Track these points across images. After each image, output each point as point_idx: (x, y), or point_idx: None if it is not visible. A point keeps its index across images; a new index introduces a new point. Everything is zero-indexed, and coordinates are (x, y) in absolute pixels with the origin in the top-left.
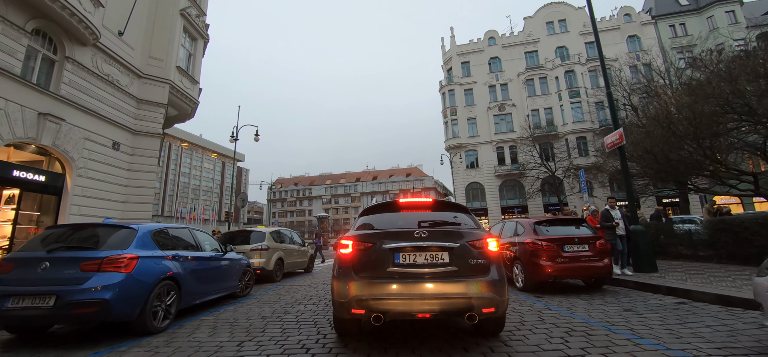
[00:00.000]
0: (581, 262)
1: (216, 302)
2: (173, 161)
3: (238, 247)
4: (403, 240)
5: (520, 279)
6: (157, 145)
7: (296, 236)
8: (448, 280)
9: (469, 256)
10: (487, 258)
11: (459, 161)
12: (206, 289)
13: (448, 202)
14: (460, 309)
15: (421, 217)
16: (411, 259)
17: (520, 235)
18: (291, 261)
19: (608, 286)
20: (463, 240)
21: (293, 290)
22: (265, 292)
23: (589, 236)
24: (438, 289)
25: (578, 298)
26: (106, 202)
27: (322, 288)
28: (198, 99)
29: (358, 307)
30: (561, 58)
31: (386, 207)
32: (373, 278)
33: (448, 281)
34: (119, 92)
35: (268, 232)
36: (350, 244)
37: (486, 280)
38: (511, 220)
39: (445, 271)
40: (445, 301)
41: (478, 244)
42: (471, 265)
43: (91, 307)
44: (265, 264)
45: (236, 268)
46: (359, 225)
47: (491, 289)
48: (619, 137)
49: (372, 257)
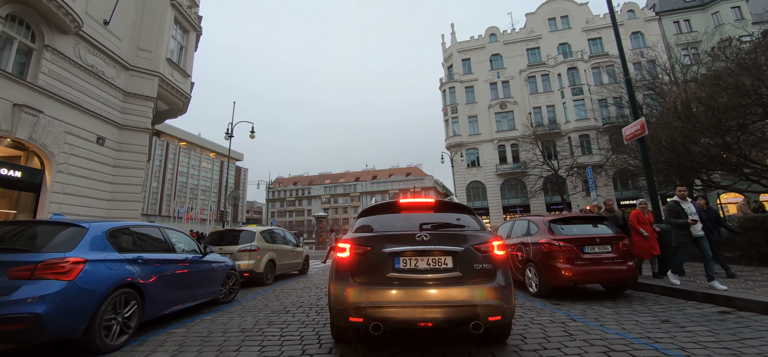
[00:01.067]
0: (604, 264)
1: (194, 310)
2: (171, 161)
3: (226, 247)
4: (403, 244)
5: (534, 283)
6: (146, 140)
7: (290, 236)
8: (452, 287)
9: (473, 260)
10: (492, 262)
11: (460, 160)
12: (178, 297)
13: (451, 203)
14: (465, 317)
15: (423, 219)
16: (412, 264)
17: (534, 235)
18: (284, 262)
19: (631, 291)
20: (467, 243)
21: (284, 295)
22: (252, 297)
23: (611, 236)
24: (441, 296)
25: (602, 305)
26: (89, 200)
27: (315, 292)
28: (190, 93)
29: (356, 315)
30: (563, 54)
31: (386, 208)
32: (372, 284)
33: (451, 288)
34: (104, 84)
35: (259, 232)
36: (348, 247)
37: (492, 286)
38: (521, 219)
39: (449, 276)
40: (449, 309)
41: (483, 247)
42: (476, 270)
43: (17, 324)
44: (255, 266)
45: (218, 272)
46: (358, 227)
47: (498, 295)
48: (641, 127)
49: (371, 262)
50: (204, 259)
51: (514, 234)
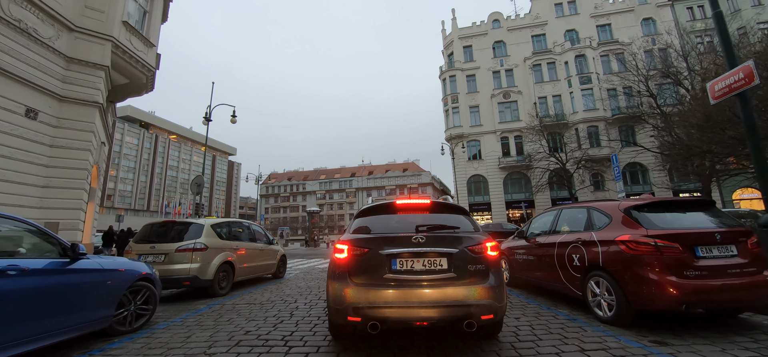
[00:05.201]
0: (731, 275)
1: (57, 349)
2: (160, 154)
3: (161, 246)
4: (400, 246)
5: (605, 304)
6: (95, 116)
7: (260, 230)
8: (447, 287)
9: (468, 261)
10: (486, 263)
11: (461, 152)
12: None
13: (446, 204)
14: (459, 316)
15: (419, 220)
16: (408, 265)
17: (602, 229)
18: (249, 264)
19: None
20: (461, 245)
21: (234, 313)
22: (180, 319)
23: (734, 230)
24: (436, 296)
25: (712, 344)
26: (15, 186)
27: (279, 310)
28: (155, 66)
29: (355, 314)
30: (571, 41)
31: (383, 209)
32: (369, 285)
33: (446, 288)
34: (38, 46)
35: (209, 225)
36: (346, 248)
37: (485, 286)
38: (574, 207)
39: (444, 277)
40: (444, 308)
41: (477, 249)
42: (470, 270)
43: None
44: (200, 270)
45: (106, 287)
46: (355, 228)
47: (490, 295)
48: (747, 75)
49: (369, 263)
50: (70, 268)
51: (559, 226)
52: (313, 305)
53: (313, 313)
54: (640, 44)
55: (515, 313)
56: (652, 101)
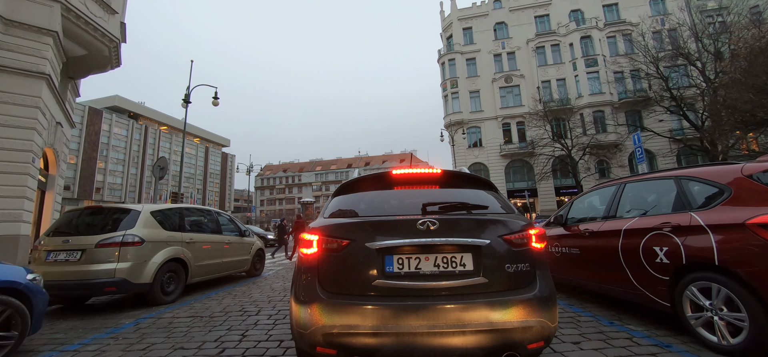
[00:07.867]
0: None
1: None
2: (151, 146)
3: (80, 239)
4: (399, 234)
5: (728, 324)
6: (41, 89)
7: (226, 219)
8: (474, 299)
9: (504, 258)
10: (531, 261)
11: (461, 139)
12: None
13: (466, 175)
14: (493, 348)
15: (427, 198)
16: (412, 265)
17: (713, 208)
18: (210, 263)
19: None
20: (493, 233)
21: (166, 332)
22: (76, 346)
23: None
24: (457, 316)
25: None
26: None
27: (235, 325)
28: (118, 37)
29: (327, 345)
30: (576, 22)
31: (373, 182)
32: (350, 297)
33: (472, 301)
34: None
35: (148, 212)
36: (316, 240)
37: (531, 298)
38: (647, 179)
39: (469, 284)
40: (470, 335)
41: (517, 239)
42: (508, 273)
43: None
44: (131, 272)
45: None
46: (332, 212)
47: (539, 311)
48: None
49: (350, 262)
50: None
51: (622, 212)
52: (278, 321)
53: (274, 334)
54: (650, 24)
55: (567, 330)
56: (663, 83)
